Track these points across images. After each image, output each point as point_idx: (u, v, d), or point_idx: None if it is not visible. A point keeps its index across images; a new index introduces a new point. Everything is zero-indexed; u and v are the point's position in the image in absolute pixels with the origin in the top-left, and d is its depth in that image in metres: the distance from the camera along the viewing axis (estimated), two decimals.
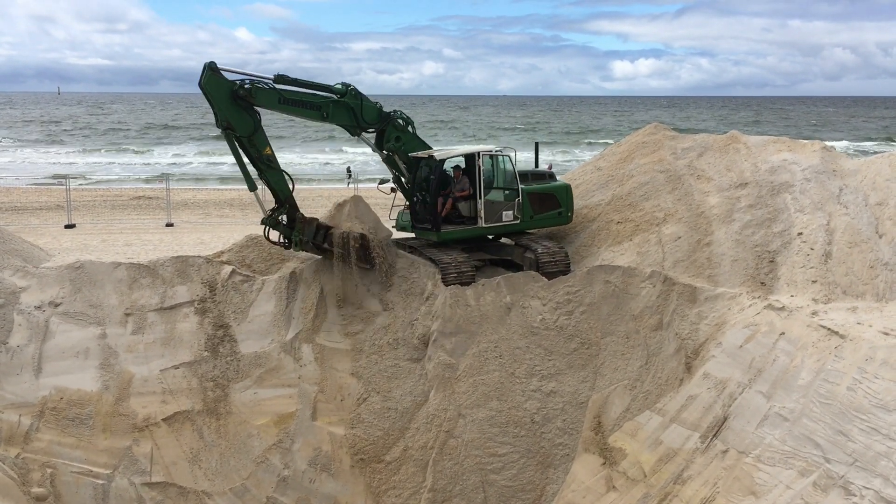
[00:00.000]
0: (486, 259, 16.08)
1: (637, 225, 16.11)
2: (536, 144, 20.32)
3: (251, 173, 14.84)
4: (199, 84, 14.05)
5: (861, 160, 17.32)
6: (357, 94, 15.25)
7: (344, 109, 15.16)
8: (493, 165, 16.36)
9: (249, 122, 14.33)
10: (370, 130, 15.67)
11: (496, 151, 16.20)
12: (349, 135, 15.82)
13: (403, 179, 16.32)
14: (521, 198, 15.94)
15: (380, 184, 16.98)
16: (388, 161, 16.26)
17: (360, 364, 14.69)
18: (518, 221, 16.06)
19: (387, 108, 15.70)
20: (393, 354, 14.68)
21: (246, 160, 14.74)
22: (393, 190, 16.41)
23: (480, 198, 15.64)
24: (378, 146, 15.92)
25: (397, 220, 16.60)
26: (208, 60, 13.97)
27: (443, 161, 15.65)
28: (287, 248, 15.27)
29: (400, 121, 15.75)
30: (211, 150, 75.26)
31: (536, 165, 18.37)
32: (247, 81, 14.19)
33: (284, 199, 14.93)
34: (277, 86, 14.57)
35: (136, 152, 76.04)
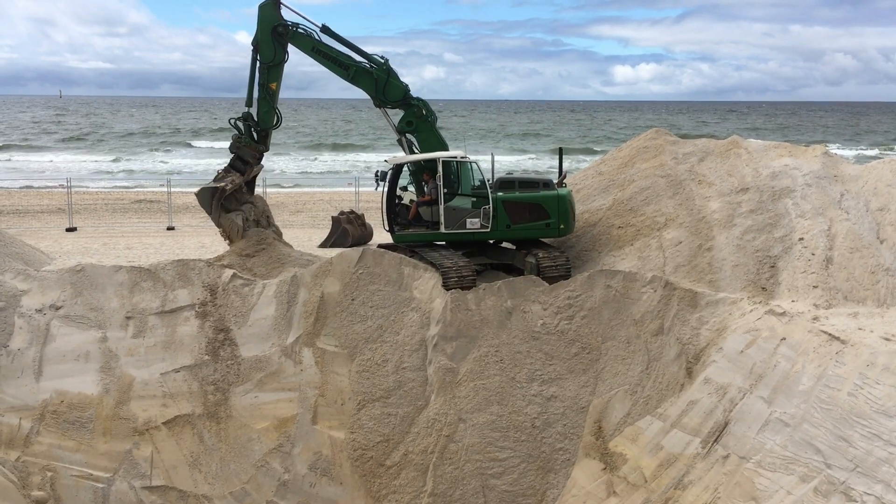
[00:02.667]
0: (487, 263, 16.09)
1: (638, 230, 16.12)
2: (560, 150, 20.31)
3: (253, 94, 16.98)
4: (260, 5, 16.36)
5: (862, 166, 17.32)
6: (387, 70, 16.49)
7: (369, 78, 16.47)
8: (458, 172, 16.36)
9: (271, 54, 16.49)
10: (390, 107, 16.83)
11: (461, 158, 16.22)
12: (373, 104, 17.04)
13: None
14: (491, 206, 15.70)
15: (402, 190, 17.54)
16: (400, 144, 17.11)
17: (360, 368, 14.68)
18: (487, 230, 15.85)
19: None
20: (394, 358, 14.68)
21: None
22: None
23: (440, 204, 15.84)
24: (397, 127, 16.94)
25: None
26: None
27: (400, 165, 16.54)
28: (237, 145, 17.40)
29: (417, 109, 16.57)
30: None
31: (560, 172, 18.11)
32: (290, 24, 16.37)
33: (262, 128, 17.15)
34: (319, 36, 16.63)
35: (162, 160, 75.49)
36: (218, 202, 16.96)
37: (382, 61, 16.53)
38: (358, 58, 16.62)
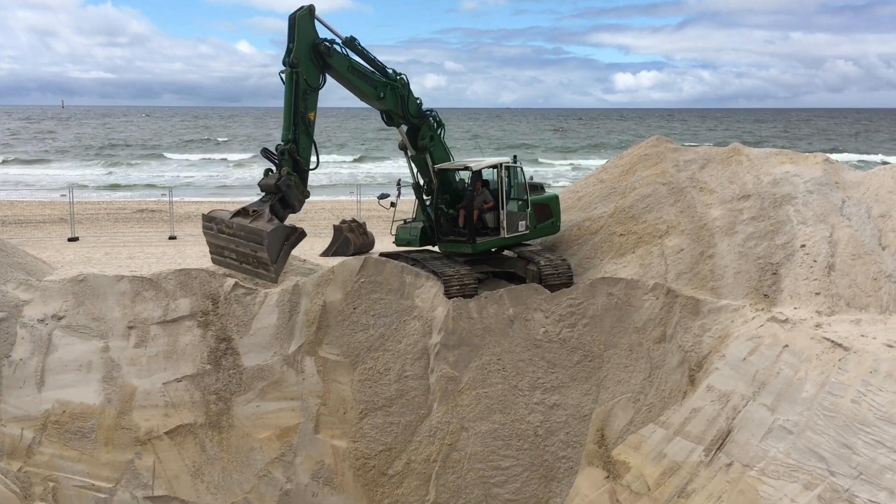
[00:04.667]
0: (488, 272, 16.09)
1: (640, 237, 16.11)
2: (515, 157, 20.52)
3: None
4: (291, 15, 14.24)
5: (864, 172, 17.32)
6: (405, 85, 15.62)
7: (396, 96, 15.52)
8: (510, 177, 16.45)
9: (316, 77, 14.50)
10: (410, 124, 15.92)
11: (513, 163, 16.37)
12: (385, 124, 16.15)
13: (423, 184, 16.36)
14: (529, 209, 16.23)
15: (380, 198, 17.00)
16: (416, 160, 16.31)
17: (362, 377, 14.66)
18: (528, 231, 16.32)
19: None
20: (396, 367, 14.66)
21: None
22: (393, 205, 16.39)
23: (503, 208, 15.82)
24: (412, 142, 16.04)
25: (397, 236, 16.63)
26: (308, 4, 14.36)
27: (480, 171, 15.89)
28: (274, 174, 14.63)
29: (432, 120, 16.06)
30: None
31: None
32: (327, 40, 14.47)
33: (303, 168, 14.64)
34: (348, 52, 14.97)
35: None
36: (291, 247, 14.48)
37: (398, 76, 15.46)
38: (379, 75, 15.34)
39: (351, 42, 14.89)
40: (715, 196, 16.50)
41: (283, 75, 14.18)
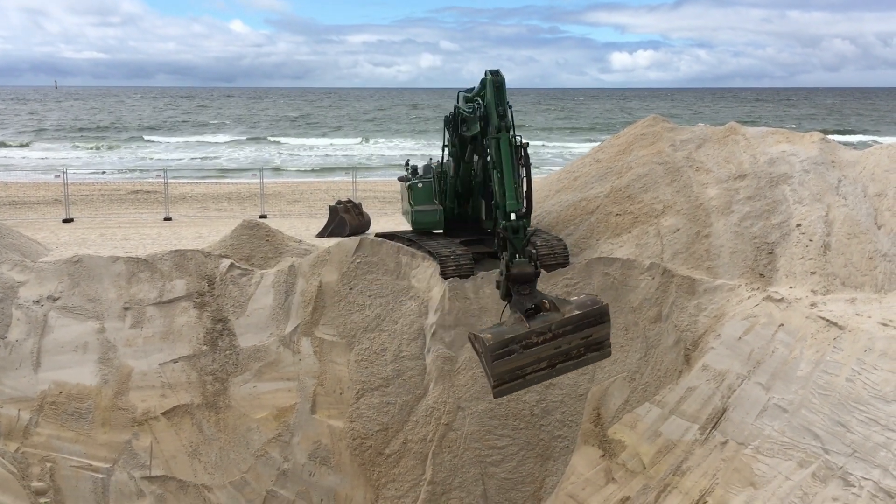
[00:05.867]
0: (484, 252, 16.07)
1: (636, 217, 16.09)
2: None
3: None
4: (499, 78, 12.64)
5: (860, 151, 17.30)
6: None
7: None
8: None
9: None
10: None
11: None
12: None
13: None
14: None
15: (401, 180, 17.04)
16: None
17: (359, 357, 14.69)
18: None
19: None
20: (392, 347, 14.68)
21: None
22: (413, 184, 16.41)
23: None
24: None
25: (416, 220, 16.09)
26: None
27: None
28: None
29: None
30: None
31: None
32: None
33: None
34: None
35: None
36: None
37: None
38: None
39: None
40: (711, 176, 16.49)
41: (493, 143, 12.44)
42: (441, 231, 16.55)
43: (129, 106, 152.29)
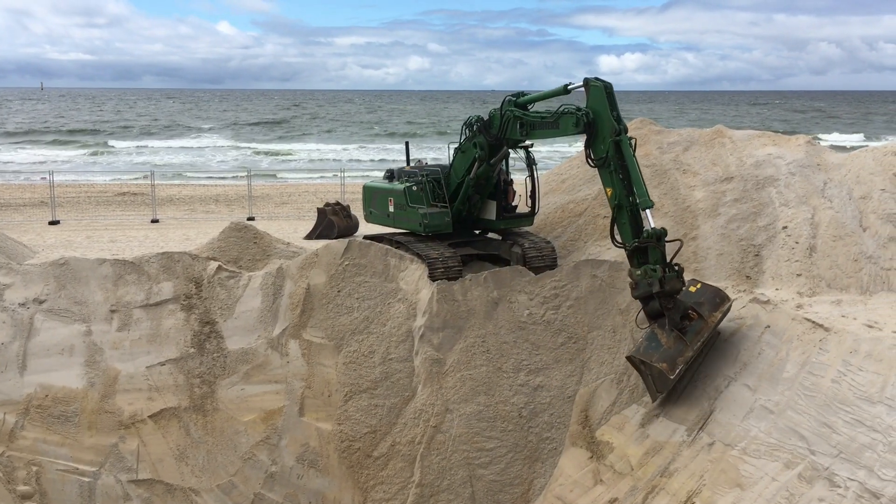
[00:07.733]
0: (472, 254, 16.09)
1: None
2: (407, 143, 20.76)
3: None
4: (608, 84, 13.17)
5: (845, 154, 17.43)
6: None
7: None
8: None
9: None
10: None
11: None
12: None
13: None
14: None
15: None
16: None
17: (347, 360, 14.67)
18: None
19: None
20: (380, 350, 14.67)
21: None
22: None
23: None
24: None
25: (426, 224, 15.65)
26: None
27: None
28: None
29: None
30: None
31: (408, 163, 17.89)
32: None
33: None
34: None
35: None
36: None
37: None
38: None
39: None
40: (698, 178, 16.56)
41: (612, 146, 12.93)
42: (449, 232, 16.09)
43: (115, 108, 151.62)
